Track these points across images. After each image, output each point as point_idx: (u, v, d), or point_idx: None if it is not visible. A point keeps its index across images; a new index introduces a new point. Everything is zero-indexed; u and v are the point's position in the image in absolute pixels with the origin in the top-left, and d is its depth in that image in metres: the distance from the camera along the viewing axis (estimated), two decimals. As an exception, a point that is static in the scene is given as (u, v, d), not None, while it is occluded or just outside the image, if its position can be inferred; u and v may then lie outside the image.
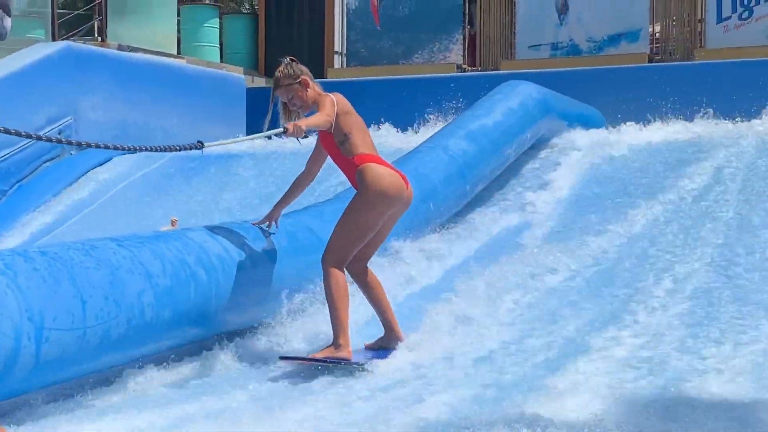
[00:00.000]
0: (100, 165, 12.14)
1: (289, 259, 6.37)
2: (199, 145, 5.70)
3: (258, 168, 11.35)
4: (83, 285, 4.92)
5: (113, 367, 5.41)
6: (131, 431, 4.59)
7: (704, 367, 5.48)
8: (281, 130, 5.66)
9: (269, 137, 6.11)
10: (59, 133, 11.93)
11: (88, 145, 5.52)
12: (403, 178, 5.93)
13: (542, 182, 9.78)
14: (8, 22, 3.62)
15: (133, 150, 6.12)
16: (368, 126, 6.12)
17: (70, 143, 5.48)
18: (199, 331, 5.85)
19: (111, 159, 12.18)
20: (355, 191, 5.93)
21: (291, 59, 5.96)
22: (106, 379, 5.41)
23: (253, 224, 6.34)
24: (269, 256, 6.23)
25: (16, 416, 4.80)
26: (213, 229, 6.10)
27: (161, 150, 5.97)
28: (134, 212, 10.55)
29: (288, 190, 6.35)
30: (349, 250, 5.83)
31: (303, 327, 6.26)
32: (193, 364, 5.88)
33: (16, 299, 4.61)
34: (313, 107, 5.88)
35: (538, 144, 10.60)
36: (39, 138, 5.20)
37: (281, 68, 5.93)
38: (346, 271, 5.88)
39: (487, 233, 8.51)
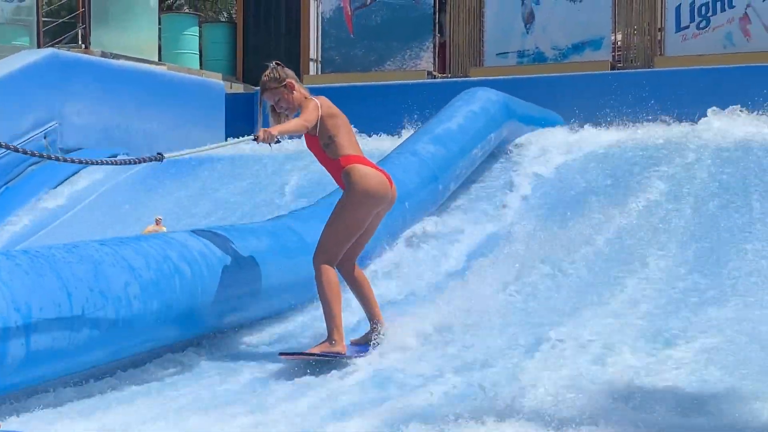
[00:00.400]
0: (83, 169, 12.07)
1: (272, 258, 6.40)
2: (159, 157, 5.65)
3: (246, 169, 11.26)
4: (67, 277, 4.94)
5: (109, 362, 5.40)
6: (125, 423, 4.60)
7: (663, 359, 5.57)
8: (251, 137, 5.65)
9: (246, 142, 6.09)
10: (45, 137, 11.92)
11: (56, 159, 5.55)
12: (387, 178, 5.94)
13: (509, 184, 9.81)
14: None
15: (96, 163, 6.07)
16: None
17: (33, 155, 5.45)
18: (189, 326, 5.85)
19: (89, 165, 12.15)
20: (342, 191, 5.96)
21: (277, 63, 5.96)
22: (102, 371, 5.40)
23: None
24: (253, 255, 6.25)
25: (4, 410, 4.77)
26: (195, 231, 6.15)
27: (123, 163, 5.92)
28: (117, 214, 10.52)
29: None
30: (339, 248, 5.83)
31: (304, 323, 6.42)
32: (185, 359, 5.91)
33: (1, 290, 4.62)
34: (299, 109, 5.88)
35: (503, 146, 10.62)
36: (7, 147, 5.16)
37: (267, 72, 5.90)
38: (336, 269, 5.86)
39: (469, 236, 8.49)
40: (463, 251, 8.22)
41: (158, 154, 5.67)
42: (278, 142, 5.69)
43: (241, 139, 5.88)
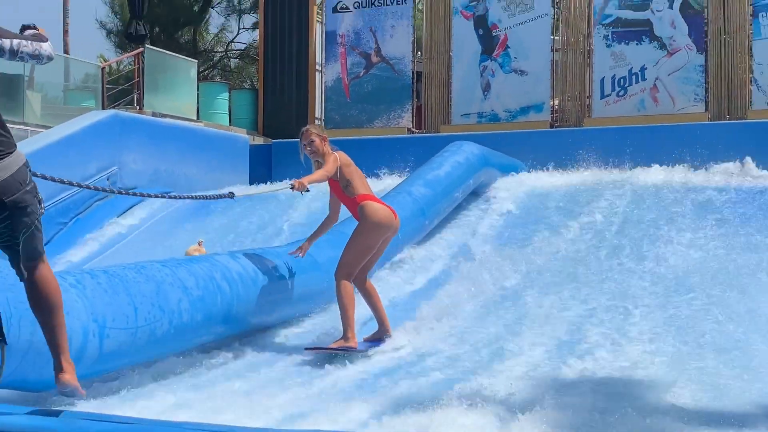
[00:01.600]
0: (138, 204, 12.06)
1: (291, 275, 6.43)
2: (231, 195, 5.79)
3: (268, 202, 11.23)
4: (135, 294, 4.97)
5: (162, 359, 5.41)
6: (166, 407, 4.62)
7: (596, 356, 5.58)
8: (289, 185, 5.78)
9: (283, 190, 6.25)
10: (107, 179, 11.88)
11: (148, 196, 5.55)
12: (392, 211, 6.11)
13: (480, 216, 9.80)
14: (47, 46, 3.69)
15: (180, 197, 6.17)
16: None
17: (129, 193, 5.51)
18: (226, 329, 5.86)
19: (145, 199, 12.10)
20: (356, 222, 6.08)
21: (318, 124, 6.16)
22: (152, 365, 5.41)
23: (289, 253, 6.39)
24: (277, 273, 6.27)
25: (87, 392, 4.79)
26: (234, 253, 6.17)
27: (201, 198, 6.00)
28: (163, 240, 10.52)
29: (317, 229, 6.42)
30: (355, 266, 5.96)
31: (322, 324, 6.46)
32: (224, 356, 5.93)
33: (84, 306, 4.65)
34: (321, 158, 5.98)
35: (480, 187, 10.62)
36: (104, 190, 5.26)
37: (309, 126, 6.21)
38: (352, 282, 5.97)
39: (446, 256, 8.48)
40: (437, 269, 8.22)
41: (230, 193, 5.84)
42: (308, 190, 5.87)
43: (281, 187, 6.01)
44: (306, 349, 5.89)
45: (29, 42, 3.70)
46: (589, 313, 6.60)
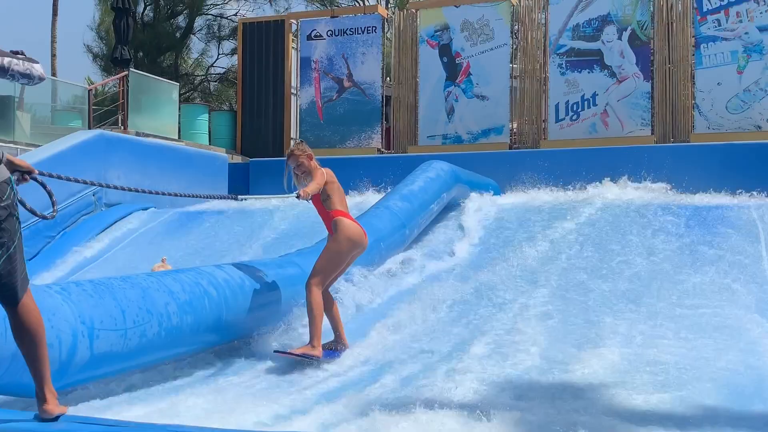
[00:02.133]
0: (122, 218, 11.98)
1: (278, 284, 6.40)
2: (235, 197, 5.83)
3: (243, 221, 11.21)
4: (121, 299, 4.94)
5: (153, 365, 5.34)
6: (151, 411, 4.59)
7: (560, 359, 5.66)
8: (296, 194, 5.78)
9: (294, 196, 6.22)
10: (93, 195, 11.84)
11: (159, 193, 5.51)
12: (363, 231, 6.08)
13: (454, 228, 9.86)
14: (39, 67, 3.48)
15: (186, 195, 6.13)
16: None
17: (143, 191, 5.42)
18: (216, 335, 5.78)
19: (131, 213, 12.05)
20: (326, 238, 6.08)
21: (301, 141, 6.19)
22: (140, 373, 5.36)
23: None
24: (264, 282, 6.25)
25: (78, 397, 4.79)
26: (220, 265, 6.13)
27: (207, 197, 5.89)
28: (147, 252, 10.45)
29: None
30: (326, 277, 5.94)
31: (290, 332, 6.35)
32: (201, 361, 5.91)
33: (71, 309, 4.62)
34: (310, 174, 5.99)
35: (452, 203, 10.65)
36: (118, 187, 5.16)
37: (294, 145, 6.15)
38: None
39: (419, 269, 8.40)
40: (417, 277, 8.22)
41: (234, 195, 5.82)
42: (310, 199, 5.89)
43: (289, 195, 6.00)
44: (275, 351, 5.81)
45: (20, 61, 3.50)
46: (548, 322, 6.67)
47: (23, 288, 3.51)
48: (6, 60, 3.48)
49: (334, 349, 6.05)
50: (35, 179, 3.86)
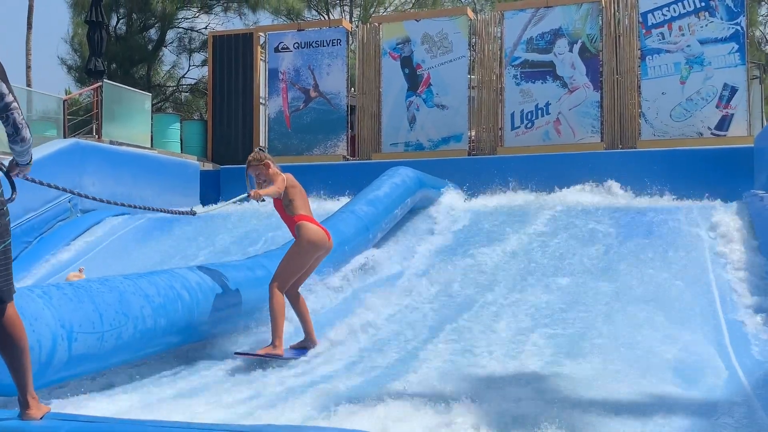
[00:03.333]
0: (97, 224, 11.85)
1: (247, 286, 6.37)
2: (193, 212, 5.74)
3: (215, 225, 11.12)
4: (99, 303, 4.92)
5: (128, 363, 5.34)
6: (143, 402, 4.58)
7: (522, 353, 5.72)
8: (245, 195, 5.75)
9: (241, 201, 6.14)
10: (69, 202, 11.70)
11: (122, 205, 5.46)
12: (326, 233, 6.02)
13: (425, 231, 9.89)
14: (29, 134, 3.46)
15: (141, 208, 6.06)
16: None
17: (108, 202, 5.38)
18: (187, 336, 5.77)
19: (104, 219, 11.92)
20: (293, 240, 6.06)
21: (260, 148, 6.13)
22: (119, 371, 5.36)
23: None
24: (235, 284, 6.23)
25: (58, 394, 4.78)
26: (192, 267, 6.10)
27: (162, 211, 5.89)
28: (121, 256, 10.37)
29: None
30: (288, 279, 5.88)
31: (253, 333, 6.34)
32: (172, 361, 5.88)
33: (52, 313, 4.60)
34: (272, 181, 5.98)
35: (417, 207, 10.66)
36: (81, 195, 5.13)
37: (253, 154, 6.09)
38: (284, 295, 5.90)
39: (387, 270, 8.44)
40: (386, 274, 8.26)
41: (192, 209, 5.76)
42: (263, 200, 5.84)
43: (240, 197, 5.95)
44: (236, 353, 5.74)
45: (23, 116, 3.41)
46: (507, 319, 6.73)
47: (9, 294, 3.42)
48: (12, 101, 3.36)
49: (304, 347, 6.03)
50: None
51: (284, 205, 5.99)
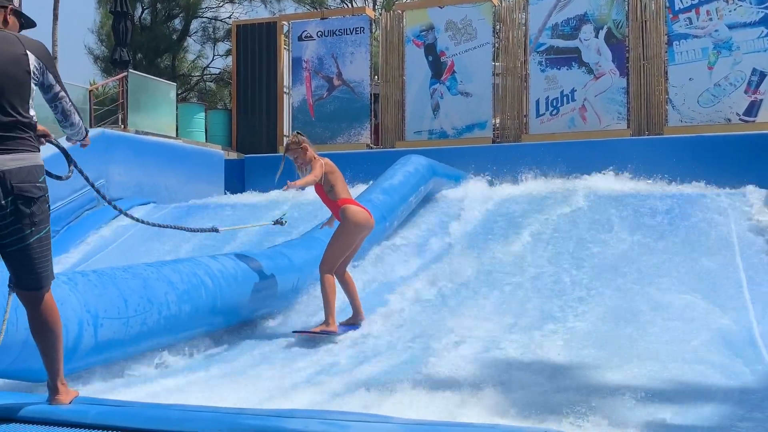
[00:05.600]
0: (120, 215, 11.89)
1: (269, 274, 6.44)
2: (215, 230, 5.81)
3: (237, 216, 11.17)
4: (124, 289, 4.96)
5: (155, 349, 5.38)
6: (175, 387, 4.62)
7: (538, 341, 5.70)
8: (284, 188, 5.89)
9: (268, 224, 6.21)
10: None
11: (139, 221, 5.48)
12: (368, 213, 6.28)
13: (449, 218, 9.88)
14: (81, 123, 3.67)
15: (166, 227, 6.12)
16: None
17: (128, 215, 5.40)
18: (212, 322, 5.82)
19: (131, 208, 11.98)
20: (313, 229, 6.20)
21: (298, 132, 6.25)
22: (147, 356, 5.39)
23: (321, 227, 6.60)
24: (256, 272, 6.28)
25: (81, 381, 4.81)
26: (215, 256, 6.17)
27: (185, 230, 5.90)
28: (147, 245, 10.46)
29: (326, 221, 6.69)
30: (336, 261, 6.15)
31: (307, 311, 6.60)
32: (210, 344, 5.95)
33: (77, 299, 4.64)
34: (309, 165, 6.05)
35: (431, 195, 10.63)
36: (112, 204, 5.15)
37: (291, 137, 6.23)
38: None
39: (419, 253, 8.57)
40: (409, 265, 8.30)
41: (214, 227, 5.82)
42: (303, 189, 5.94)
43: (263, 223, 6.08)
44: (294, 332, 6.02)
45: (71, 103, 3.60)
46: (532, 304, 6.72)
47: (48, 280, 3.47)
48: (60, 91, 3.59)
49: (354, 323, 6.30)
50: (51, 142, 3.94)
51: (326, 191, 6.22)
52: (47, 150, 3.77)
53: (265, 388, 4.61)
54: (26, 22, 3.68)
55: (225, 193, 13.95)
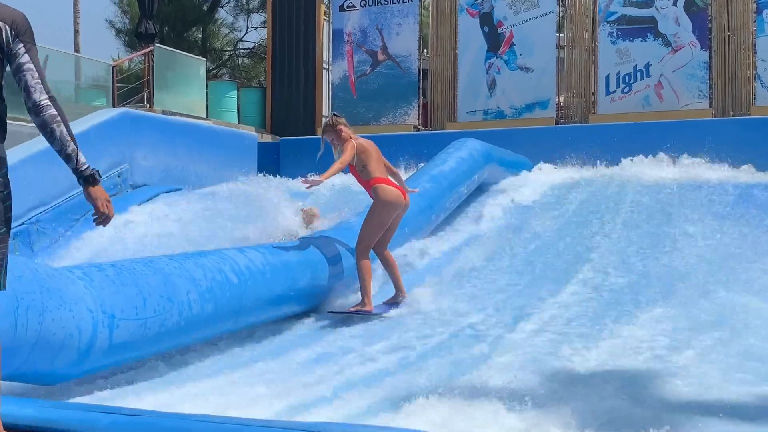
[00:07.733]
0: (147, 201, 12.04)
1: (299, 269, 6.51)
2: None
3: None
4: (143, 286, 4.96)
5: (175, 349, 5.40)
6: (202, 391, 4.62)
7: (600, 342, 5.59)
8: (306, 187, 6.41)
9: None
10: (118, 176, 11.92)
11: None
12: (402, 192, 6.72)
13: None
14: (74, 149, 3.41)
15: None
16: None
17: None
18: (235, 323, 5.84)
19: (158, 195, 12.08)
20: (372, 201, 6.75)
21: (335, 114, 6.83)
22: (163, 357, 5.42)
23: (410, 191, 7.05)
24: (286, 267, 6.32)
25: (98, 384, 4.82)
26: (242, 248, 6.19)
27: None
28: (171, 235, 10.51)
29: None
30: (371, 240, 6.63)
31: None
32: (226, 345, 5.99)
33: (93, 297, 4.65)
34: (342, 145, 6.60)
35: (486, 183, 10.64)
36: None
37: (328, 119, 6.81)
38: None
39: (465, 232, 8.85)
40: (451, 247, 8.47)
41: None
42: (321, 182, 6.40)
43: (300, 235, 6.74)
44: (329, 311, 6.51)
45: (70, 133, 3.40)
46: (596, 303, 6.63)
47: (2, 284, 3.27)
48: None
49: (395, 302, 6.75)
50: None
51: (358, 171, 6.67)
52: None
53: (294, 395, 4.57)
54: None
55: (259, 174, 13.90)
